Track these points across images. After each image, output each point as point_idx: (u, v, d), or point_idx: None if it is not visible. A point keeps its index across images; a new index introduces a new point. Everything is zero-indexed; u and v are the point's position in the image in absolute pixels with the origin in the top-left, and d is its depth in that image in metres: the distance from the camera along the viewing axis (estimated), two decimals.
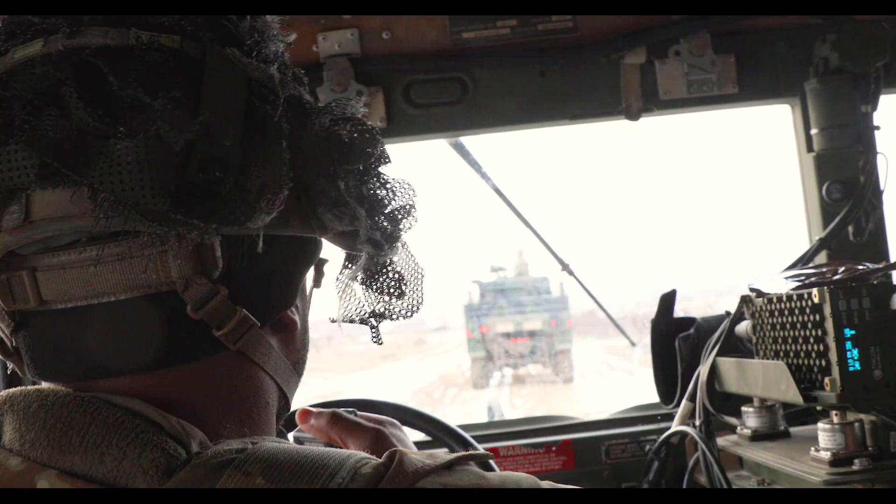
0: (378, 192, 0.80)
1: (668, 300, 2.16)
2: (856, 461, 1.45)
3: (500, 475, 0.72)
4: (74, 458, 0.69)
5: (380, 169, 0.80)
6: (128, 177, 0.66)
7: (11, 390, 0.75)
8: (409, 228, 0.83)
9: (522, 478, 0.73)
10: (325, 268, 0.90)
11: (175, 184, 0.68)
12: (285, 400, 0.88)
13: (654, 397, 2.17)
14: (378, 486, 0.67)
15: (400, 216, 0.82)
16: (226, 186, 0.69)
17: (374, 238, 0.80)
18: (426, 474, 0.69)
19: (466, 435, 1.63)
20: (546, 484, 0.73)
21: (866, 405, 1.46)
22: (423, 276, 0.88)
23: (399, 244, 0.84)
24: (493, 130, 2.31)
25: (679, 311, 2.17)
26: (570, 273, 2.85)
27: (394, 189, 0.81)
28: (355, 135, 0.76)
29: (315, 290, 0.92)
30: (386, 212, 0.81)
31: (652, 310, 2.12)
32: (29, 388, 0.75)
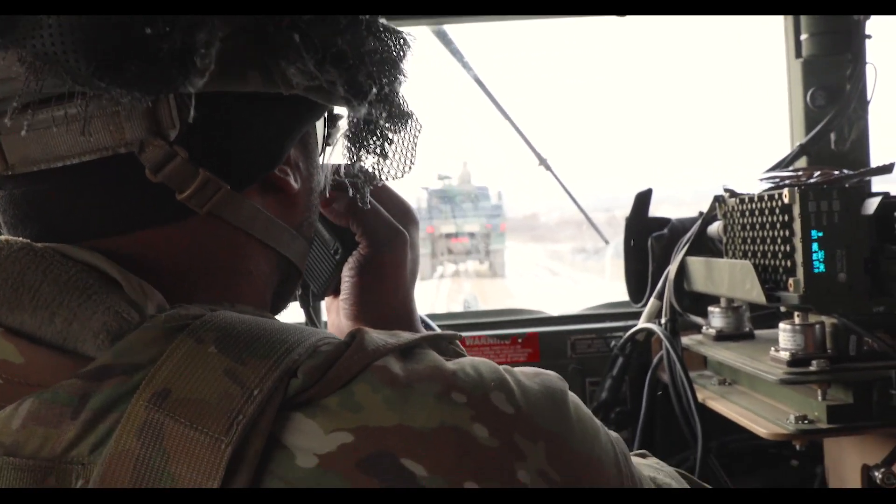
0: (356, 44, 0.74)
1: (642, 199, 2.15)
2: (813, 362, 1.46)
3: (458, 362, 0.69)
4: (24, 316, 0.66)
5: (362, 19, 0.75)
6: (49, 39, 0.63)
7: None
8: (392, 84, 0.78)
9: (481, 363, 0.70)
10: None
11: (101, 46, 0.63)
12: (292, 267, 0.85)
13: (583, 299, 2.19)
14: (335, 363, 0.65)
15: (380, 70, 0.77)
16: (156, 46, 0.64)
17: (348, 94, 0.75)
18: (385, 353, 0.67)
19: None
20: (508, 371, 0.71)
21: (828, 307, 1.46)
22: (415, 138, 0.85)
23: (382, 102, 0.78)
24: (479, 20, 2.26)
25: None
26: (548, 168, 2.83)
27: (380, 40, 0.76)
28: None
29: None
30: (368, 64, 0.75)
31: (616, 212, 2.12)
32: None
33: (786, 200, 1.48)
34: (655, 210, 2.16)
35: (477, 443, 0.63)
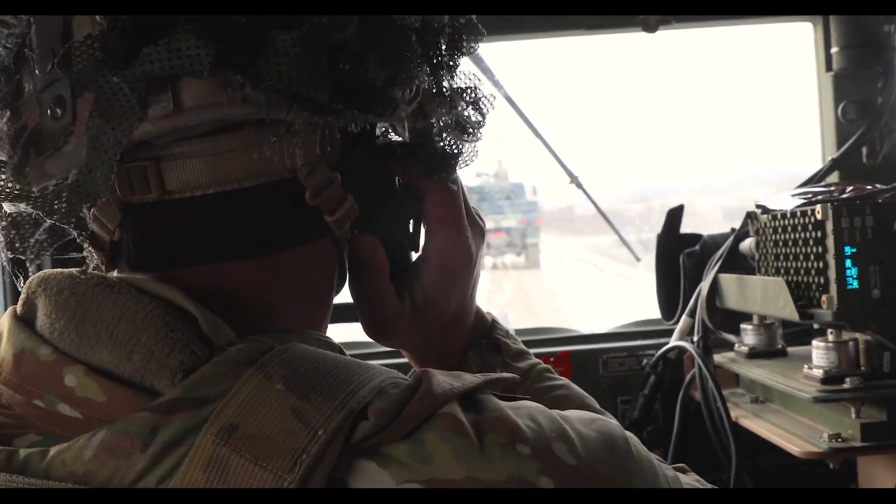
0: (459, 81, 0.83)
1: (674, 215, 2.14)
2: (847, 380, 1.45)
3: (517, 410, 0.70)
4: (103, 353, 0.67)
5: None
6: (290, 68, 0.67)
7: (46, 272, 0.74)
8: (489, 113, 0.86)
9: (538, 411, 0.70)
10: None
11: (329, 76, 0.68)
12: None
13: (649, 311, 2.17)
14: (405, 409, 0.65)
15: (483, 104, 0.85)
16: (377, 80, 0.71)
17: (461, 124, 0.83)
18: (451, 399, 0.67)
19: None
20: (565, 419, 0.71)
21: (862, 324, 1.45)
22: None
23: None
24: (508, 39, 2.27)
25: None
26: (579, 186, 2.82)
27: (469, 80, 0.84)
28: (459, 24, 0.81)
29: None
30: (470, 99, 0.83)
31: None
32: (63, 271, 0.73)
33: (818, 216, 1.47)
34: (692, 200, 2.15)
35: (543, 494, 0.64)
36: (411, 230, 0.94)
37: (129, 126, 0.66)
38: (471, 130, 0.84)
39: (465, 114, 0.83)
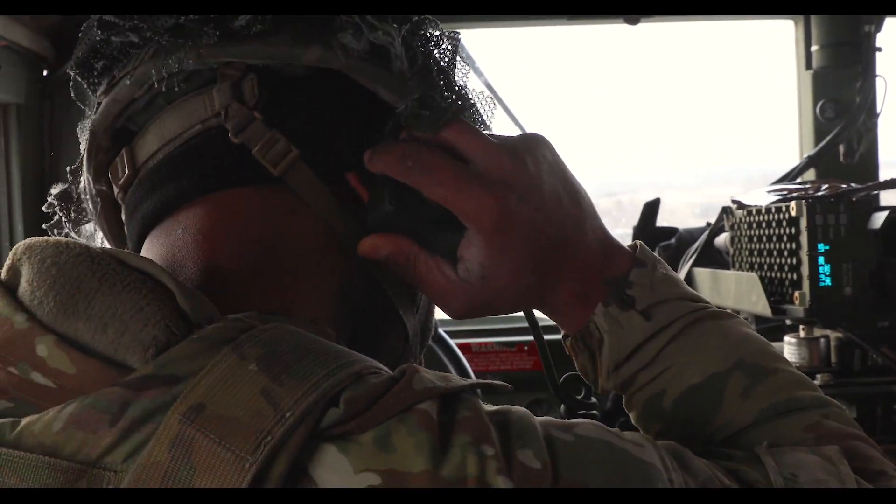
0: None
1: (651, 208, 2.15)
2: (818, 376, 1.46)
3: (496, 411, 0.67)
4: (79, 325, 0.66)
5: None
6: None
7: (32, 239, 0.73)
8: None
9: (517, 416, 0.67)
10: None
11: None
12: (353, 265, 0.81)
13: None
14: (380, 399, 0.63)
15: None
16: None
17: (402, 63, 0.78)
18: (431, 397, 0.65)
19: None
20: (543, 424, 0.67)
21: (834, 321, 1.46)
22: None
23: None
24: (489, 26, 2.27)
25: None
26: None
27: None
28: None
29: None
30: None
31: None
32: (49, 239, 0.73)
33: (793, 213, 1.48)
34: (660, 196, 2.15)
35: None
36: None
37: None
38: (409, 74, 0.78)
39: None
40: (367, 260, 0.80)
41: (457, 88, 0.80)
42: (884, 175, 2.19)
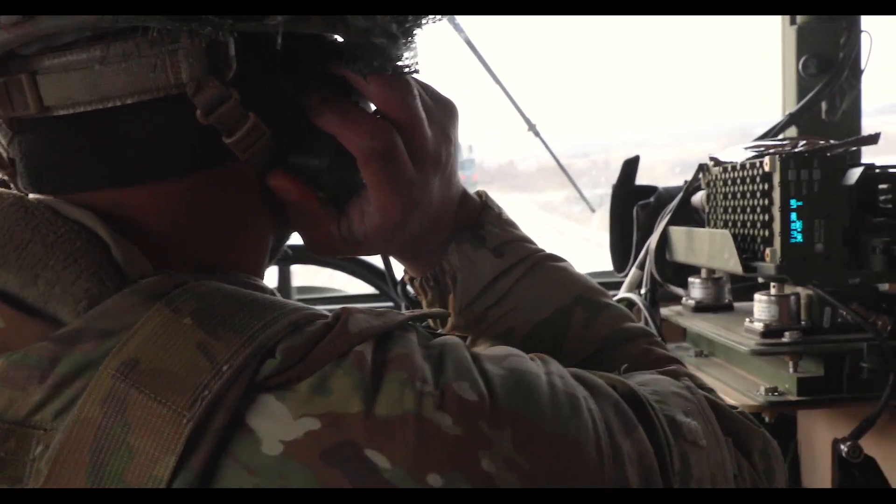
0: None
1: (630, 166, 2.11)
2: (786, 333, 1.43)
3: (429, 346, 0.67)
4: (9, 276, 0.64)
5: None
6: None
7: None
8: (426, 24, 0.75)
9: (449, 349, 0.67)
10: None
11: None
12: (289, 229, 0.85)
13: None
14: (316, 346, 0.62)
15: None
16: None
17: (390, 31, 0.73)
18: (367, 337, 0.64)
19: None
20: (476, 357, 0.68)
21: (804, 278, 1.43)
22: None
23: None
24: None
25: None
26: (536, 134, 2.79)
27: None
28: None
29: None
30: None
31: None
32: None
33: (766, 168, 1.45)
34: (634, 154, 2.12)
35: (440, 431, 0.61)
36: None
37: None
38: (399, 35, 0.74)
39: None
40: (271, 193, 0.79)
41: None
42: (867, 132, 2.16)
